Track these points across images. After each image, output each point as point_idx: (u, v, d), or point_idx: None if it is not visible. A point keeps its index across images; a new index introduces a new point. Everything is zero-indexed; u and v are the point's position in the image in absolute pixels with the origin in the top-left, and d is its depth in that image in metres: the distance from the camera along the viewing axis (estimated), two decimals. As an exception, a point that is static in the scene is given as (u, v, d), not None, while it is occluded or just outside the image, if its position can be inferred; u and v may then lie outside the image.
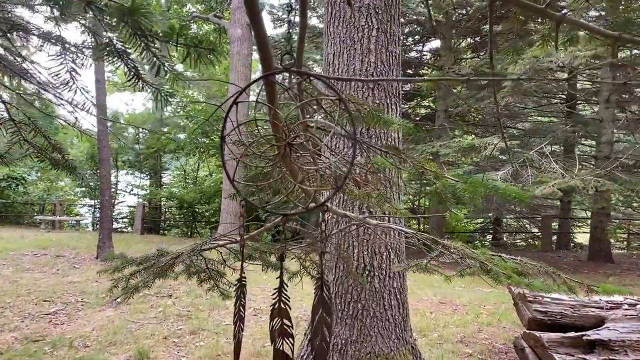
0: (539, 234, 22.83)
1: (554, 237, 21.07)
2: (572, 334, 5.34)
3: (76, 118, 3.49)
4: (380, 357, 4.39)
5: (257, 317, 7.08)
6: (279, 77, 1.22)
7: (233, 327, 1.33)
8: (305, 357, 4.63)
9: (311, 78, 1.21)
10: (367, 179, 1.86)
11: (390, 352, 4.43)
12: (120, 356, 5.50)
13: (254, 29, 1.08)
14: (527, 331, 5.55)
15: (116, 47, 1.34)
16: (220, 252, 2.46)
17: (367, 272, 4.43)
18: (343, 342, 4.43)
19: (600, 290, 2.50)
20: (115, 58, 1.33)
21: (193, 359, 5.48)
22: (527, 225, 25.71)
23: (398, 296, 4.58)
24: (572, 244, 21.34)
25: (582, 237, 23.30)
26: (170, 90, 1.38)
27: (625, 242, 23.68)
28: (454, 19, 16.54)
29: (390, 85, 4.45)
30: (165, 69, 1.30)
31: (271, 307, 1.35)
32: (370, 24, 4.57)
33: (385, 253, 4.50)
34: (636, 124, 14.06)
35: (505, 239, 25.04)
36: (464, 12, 17.27)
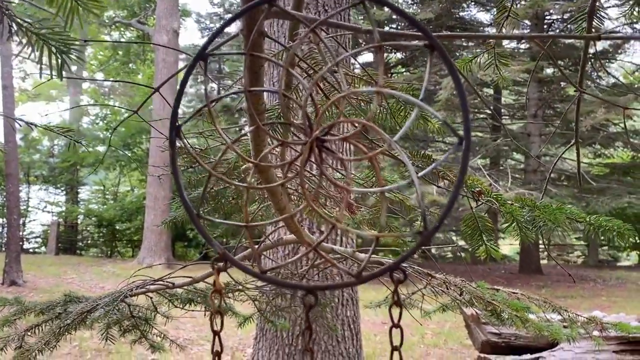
0: (467, 246, 23.22)
1: (482, 249, 21.43)
2: (527, 356, 5.10)
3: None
4: (333, 397, 3.89)
5: (188, 349, 6.37)
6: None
7: None
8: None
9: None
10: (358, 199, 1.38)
11: (344, 391, 3.94)
12: (24, 406, 4.67)
13: None
14: (482, 355, 5.25)
15: None
16: (150, 297, 1.89)
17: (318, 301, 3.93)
18: (291, 381, 3.89)
19: (617, 329, 2.16)
20: None
21: (113, 404, 4.74)
22: (453, 238, 26.15)
23: (351, 326, 4.10)
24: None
25: (507, 248, 23.98)
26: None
27: (545, 252, 24.61)
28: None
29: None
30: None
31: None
32: (318, 23, 4.11)
33: (338, 278, 4.02)
34: (560, 137, 14.50)
35: (434, 251, 25.26)
36: (394, 25, 17.33)
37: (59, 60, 0.76)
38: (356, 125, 0.47)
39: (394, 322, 0.49)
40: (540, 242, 19.19)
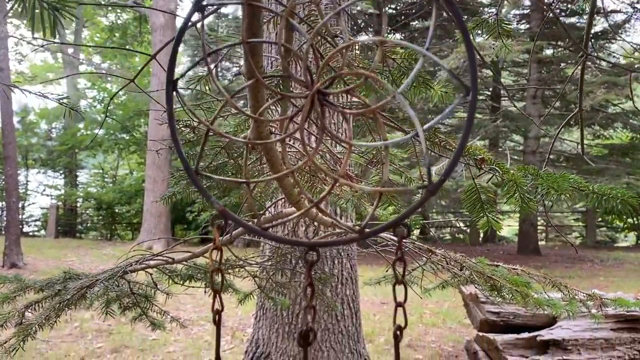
0: (465, 227, 23.33)
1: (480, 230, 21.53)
2: (525, 334, 5.12)
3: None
4: (333, 374, 3.92)
5: (188, 330, 6.41)
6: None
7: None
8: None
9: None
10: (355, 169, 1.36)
11: (343, 369, 3.96)
12: (26, 386, 4.71)
13: None
14: (480, 334, 5.27)
15: None
16: (150, 273, 1.88)
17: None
18: (291, 359, 3.91)
19: (617, 304, 2.16)
20: None
21: (115, 383, 4.78)
22: (452, 220, 26.18)
23: (351, 304, 4.12)
24: (496, 237, 21.91)
25: (505, 230, 24.05)
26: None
27: (544, 234, 24.70)
28: (385, 13, 16.39)
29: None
30: None
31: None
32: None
33: (337, 257, 4.03)
34: (559, 119, 14.46)
35: (432, 232, 25.31)
36: (394, 6, 17.18)
37: (52, 18, 0.74)
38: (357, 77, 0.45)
39: (397, 279, 0.48)
40: (539, 224, 19.25)
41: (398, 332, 0.52)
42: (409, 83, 0.43)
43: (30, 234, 21.48)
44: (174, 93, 0.51)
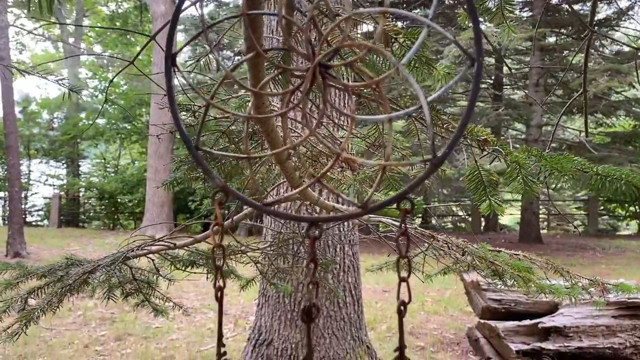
0: (466, 216, 23.33)
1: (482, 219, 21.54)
2: (527, 322, 5.14)
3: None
4: (335, 361, 3.94)
5: (191, 318, 6.44)
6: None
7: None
8: (250, 365, 4.10)
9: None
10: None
11: (346, 355, 3.98)
12: (30, 373, 4.74)
13: None
14: (482, 321, 5.29)
15: None
16: (152, 259, 1.88)
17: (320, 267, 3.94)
18: (293, 346, 3.93)
19: (619, 289, 2.16)
20: None
21: (119, 371, 4.81)
22: (453, 208, 26.17)
23: (353, 292, 4.13)
24: (498, 226, 21.92)
25: (507, 218, 24.05)
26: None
27: (546, 223, 24.70)
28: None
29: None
30: None
31: None
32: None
33: (339, 245, 4.03)
34: (562, 107, 14.40)
35: (434, 221, 25.29)
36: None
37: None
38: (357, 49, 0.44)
39: (401, 254, 0.48)
40: (541, 212, 19.20)
41: (402, 308, 0.51)
42: (412, 54, 0.42)
43: (33, 223, 21.55)
44: (173, 69, 0.50)
